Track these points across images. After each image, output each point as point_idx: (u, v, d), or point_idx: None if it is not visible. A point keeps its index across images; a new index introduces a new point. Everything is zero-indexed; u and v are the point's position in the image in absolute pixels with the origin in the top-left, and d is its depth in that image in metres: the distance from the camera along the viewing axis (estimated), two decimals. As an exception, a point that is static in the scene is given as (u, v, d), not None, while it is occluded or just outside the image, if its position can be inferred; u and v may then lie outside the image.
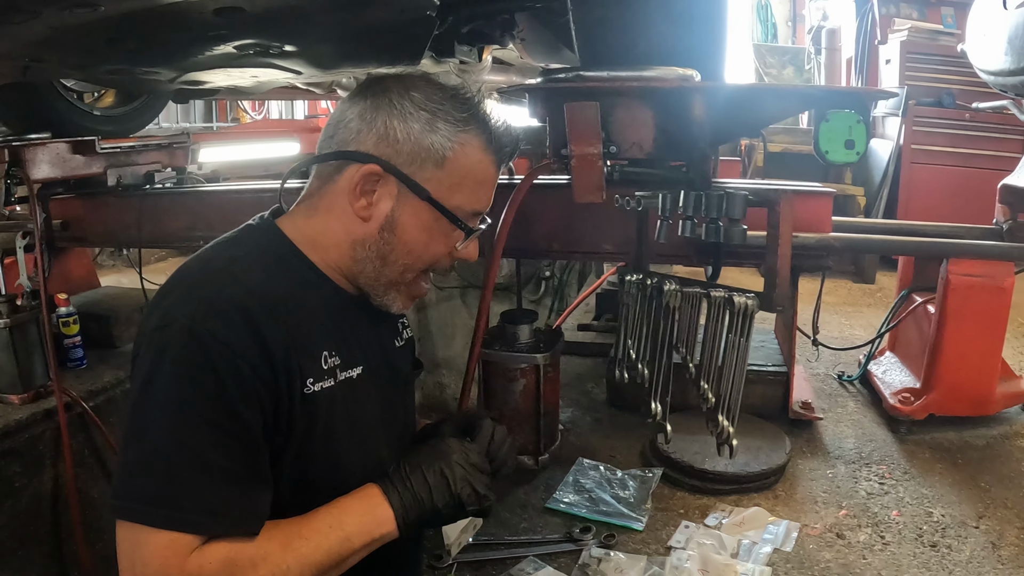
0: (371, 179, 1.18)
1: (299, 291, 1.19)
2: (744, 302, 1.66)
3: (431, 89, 1.20)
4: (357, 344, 1.28)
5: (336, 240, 1.24)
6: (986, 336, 2.45)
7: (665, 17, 1.75)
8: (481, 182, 1.25)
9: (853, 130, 1.75)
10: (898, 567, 1.90)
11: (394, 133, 1.17)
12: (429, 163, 1.19)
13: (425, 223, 1.22)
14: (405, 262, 1.24)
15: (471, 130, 1.20)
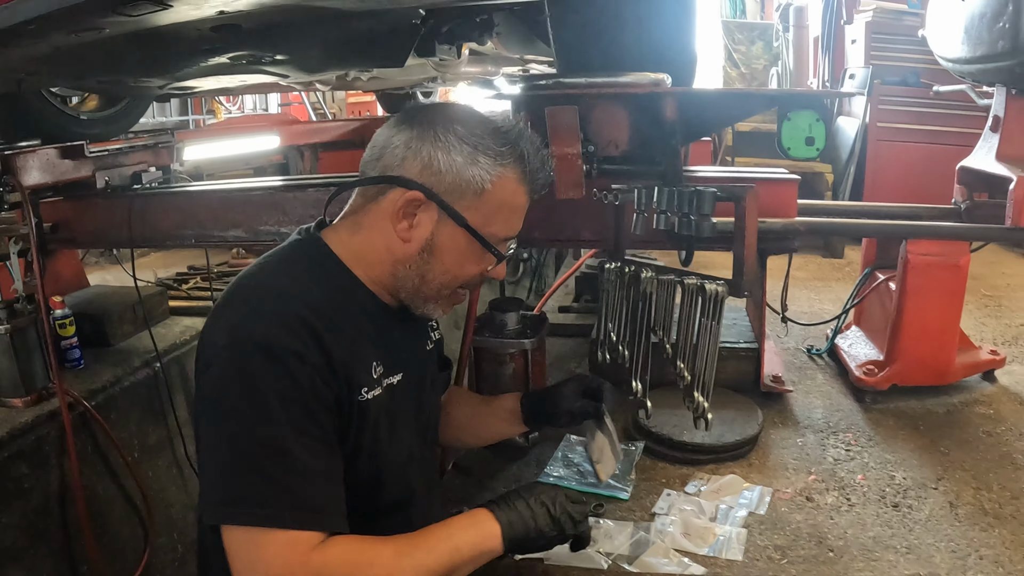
0: (413, 204, 1.30)
1: (349, 305, 1.33)
2: (715, 289, 1.80)
3: (474, 123, 1.31)
4: (397, 352, 1.42)
5: (379, 257, 1.35)
6: (944, 311, 2.61)
7: (639, 25, 1.89)
8: (515, 211, 1.37)
9: (813, 128, 1.90)
10: (863, 526, 2.05)
11: (438, 164, 1.28)
12: (469, 193, 1.30)
13: (461, 247, 1.34)
14: (442, 281, 1.37)
15: (509, 164, 1.31)
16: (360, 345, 1.30)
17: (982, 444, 2.48)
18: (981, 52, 2.65)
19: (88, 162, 2.85)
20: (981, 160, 2.75)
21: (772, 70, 7.15)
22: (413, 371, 1.47)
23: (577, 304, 3.56)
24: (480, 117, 1.33)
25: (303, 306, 1.22)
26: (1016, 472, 2.31)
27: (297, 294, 1.25)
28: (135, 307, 3.16)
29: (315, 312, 1.23)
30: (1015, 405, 2.77)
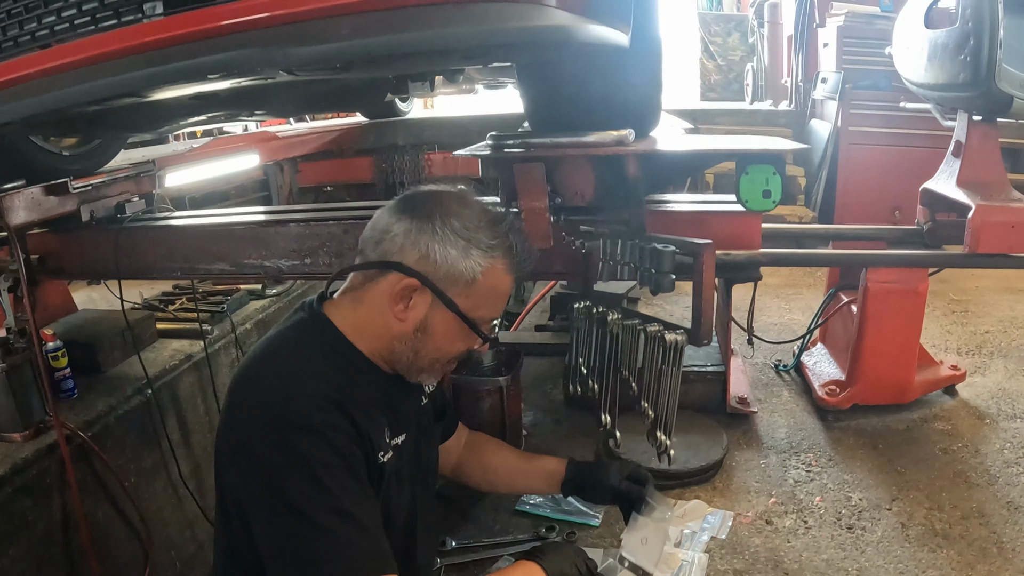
0: (410, 289, 1.42)
1: (358, 378, 1.45)
2: (675, 339, 1.90)
3: (469, 217, 1.43)
4: (400, 414, 1.56)
5: (378, 332, 1.48)
6: (903, 335, 2.73)
7: (603, 86, 1.96)
8: (501, 297, 1.51)
9: (770, 181, 2.00)
10: (817, 549, 2.17)
11: (434, 256, 1.40)
12: (461, 282, 1.42)
13: (452, 329, 1.46)
14: (433, 356, 1.50)
15: (498, 256, 1.44)
16: (373, 413, 1.44)
17: (938, 462, 2.60)
18: (944, 80, 2.72)
19: (72, 197, 2.90)
20: (943, 184, 2.82)
21: (748, 66, 7.19)
22: (413, 429, 1.61)
23: (553, 322, 3.65)
24: (475, 210, 1.46)
25: (326, 384, 1.36)
26: (969, 491, 2.43)
27: (317, 374, 1.39)
28: (124, 333, 3.24)
29: (336, 388, 1.37)
30: (973, 420, 2.89)
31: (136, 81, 1.39)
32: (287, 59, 1.20)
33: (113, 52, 1.41)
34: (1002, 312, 4.10)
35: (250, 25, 1.27)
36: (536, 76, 2.04)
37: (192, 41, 1.33)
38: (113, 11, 1.43)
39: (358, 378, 1.46)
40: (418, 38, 1.22)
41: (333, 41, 1.17)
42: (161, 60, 1.35)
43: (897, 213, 4.82)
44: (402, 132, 5.72)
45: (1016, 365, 3.40)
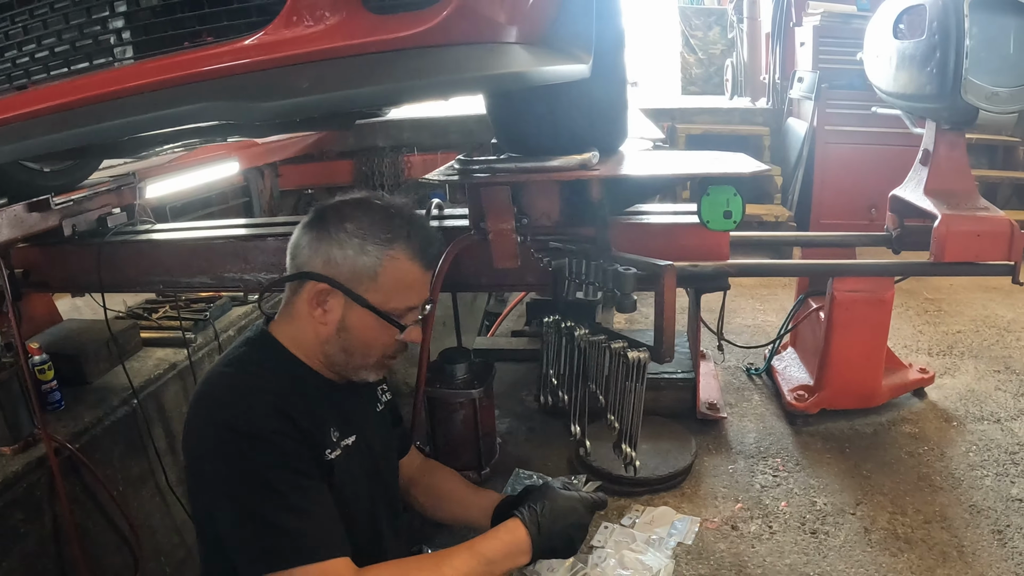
0: (323, 294, 1.53)
1: (301, 386, 1.57)
2: (637, 356, 1.96)
3: (361, 217, 1.54)
4: (349, 418, 1.66)
5: (310, 340, 1.60)
6: (870, 342, 2.78)
7: (569, 111, 2.01)
8: (411, 285, 1.58)
9: (730, 202, 2.06)
10: (781, 554, 2.22)
11: (335, 258, 1.52)
12: (365, 278, 1.52)
13: (370, 324, 1.56)
14: (363, 352, 1.60)
15: (396, 247, 1.53)
16: (318, 416, 1.54)
17: (903, 466, 2.66)
18: (911, 90, 2.77)
19: (55, 213, 2.95)
20: (911, 192, 2.88)
21: (727, 61, 7.24)
22: (366, 432, 1.71)
23: (529, 328, 3.70)
24: (368, 210, 1.55)
25: (269, 394, 1.48)
26: (932, 495, 2.49)
27: (261, 386, 1.50)
28: (109, 344, 3.28)
29: (279, 396, 1.48)
30: (940, 423, 2.96)
31: (110, 130, 1.43)
32: (249, 113, 1.24)
33: (85, 99, 1.45)
34: (975, 311, 4.17)
35: (217, 73, 1.32)
36: (502, 100, 2.09)
37: (161, 89, 1.37)
38: (85, 55, 1.48)
39: (301, 386, 1.57)
40: (378, 90, 1.27)
41: (293, 96, 1.22)
42: (132, 110, 1.40)
43: (873, 211, 4.90)
44: (382, 134, 5.76)
45: (986, 366, 3.47)
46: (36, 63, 1.56)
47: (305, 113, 1.24)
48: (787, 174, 5.37)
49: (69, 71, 1.51)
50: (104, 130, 1.34)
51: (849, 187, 4.82)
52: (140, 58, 1.42)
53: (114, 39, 1.43)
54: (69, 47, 1.50)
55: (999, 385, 3.28)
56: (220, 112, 1.27)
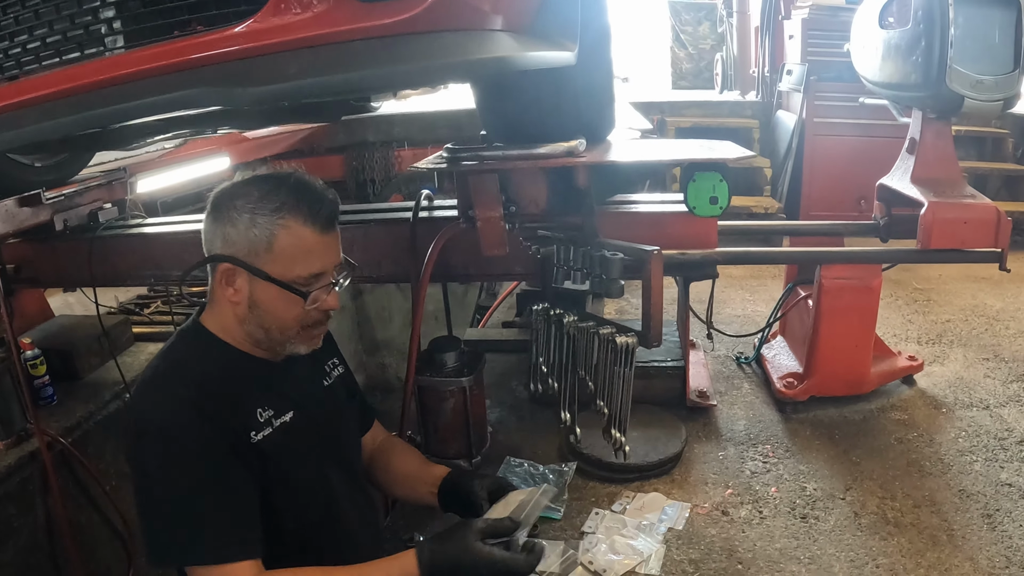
0: (228, 273, 1.53)
1: (228, 371, 1.55)
2: (625, 341, 1.98)
3: (248, 192, 1.52)
4: (285, 396, 1.63)
5: (231, 322, 1.59)
6: (858, 329, 2.82)
7: (556, 100, 2.02)
8: (309, 250, 1.53)
9: (716, 188, 2.08)
10: (771, 538, 2.25)
11: (230, 236, 1.51)
12: (261, 250, 1.50)
13: (276, 295, 1.53)
14: (278, 326, 1.57)
15: (285, 214, 1.49)
16: (241, 399, 1.54)
17: (892, 452, 2.69)
18: (897, 80, 2.78)
19: (46, 208, 2.94)
20: (898, 181, 2.89)
21: (717, 55, 7.27)
22: (309, 407, 1.68)
23: (520, 319, 3.71)
24: (256, 184, 1.54)
25: (183, 386, 1.48)
26: (922, 480, 2.52)
27: (178, 377, 1.51)
28: (100, 339, 3.29)
29: (194, 386, 1.48)
30: (929, 409, 2.99)
31: (102, 117, 1.44)
32: (238, 98, 1.26)
33: (77, 87, 1.46)
34: (964, 301, 4.20)
35: (207, 60, 1.33)
36: (489, 88, 2.10)
37: (152, 77, 1.38)
38: (76, 44, 1.49)
39: (227, 369, 1.56)
40: (366, 76, 1.28)
41: (281, 81, 1.24)
42: (124, 97, 1.41)
43: (862, 202, 4.89)
44: (372, 129, 5.74)
45: (975, 354, 3.50)
46: (28, 53, 1.57)
47: (293, 98, 1.25)
48: (776, 166, 5.38)
49: (60, 61, 1.52)
50: (98, 117, 1.35)
51: (838, 178, 4.81)
52: (131, 47, 1.43)
53: (105, 28, 1.45)
54: (61, 37, 1.51)
55: (988, 372, 3.32)
56: (211, 98, 1.28)
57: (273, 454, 1.55)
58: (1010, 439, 2.77)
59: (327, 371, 1.83)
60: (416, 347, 2.35)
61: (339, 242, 1.62)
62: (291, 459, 1.59)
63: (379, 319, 5.54)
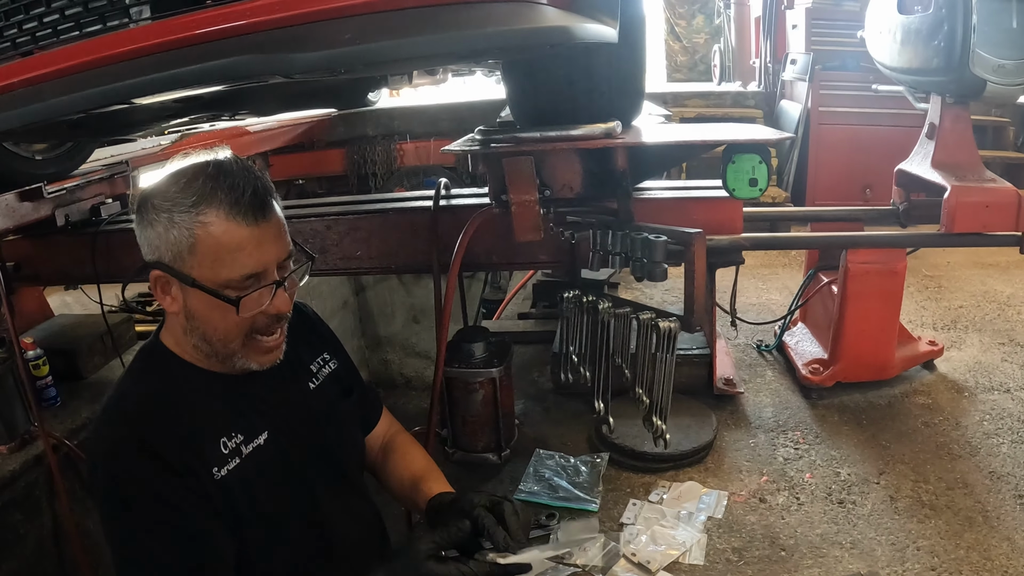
0: (161, 281, 1.36)
1: (186, 395, 1.39)
2: (668, 326, 1.93)
3: (166, 189, 1.33)
4: (255, 414, 1.46)
5: (179, 335, 1.42)
6: (883, 313, 2.79)
7: (589, 80, 1.97)
8: (238, 248, 1.32)
9: (756, 170, 2.03)
10: (811, 524, 2.21)
11: (152, 240, 1.34)
12: (184, 253, 1.31)
13: (209, 303, 1.34)
14: (219, 336, 1.38)
15: (204, 209, 1.29)
16: (201, 431, 1.37)
17: (920, 436, 2.66)
18: (917, 65, 2.76)
19: (47, 202, 2.85)
20: (917, 165, 2.88)
21: (715, 47, 7.26)
22: (290, 422, 1.51)
23: (536, 310, 3.66)
24: (175, 178, 1.34)
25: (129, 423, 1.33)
26: (952, 462, 2.50)
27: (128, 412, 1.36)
28: (103, 337, 3.20)
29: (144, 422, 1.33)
30: (952, 393, 2.96)
31: (124, 91, 1.37)
32: (289, 65, 1.19)
33: (99, 60, 1.39)
34: (974, 287, 4.19)
35: (246, 29, 1.26)
36: (522, 71, 2.04)
37: (182, 47, 1.31)
38: (98, 15, 1.42)
39: (182, 395, 1.40)
40: (419, 42, 1.22)
41: (336, 47, 1.17)
42: (150, 68, 1.34)
43: (868, 191, 4.91)
44: (372, 123, 5.69)
45: (991, 338, 3.48)
46: (45, 27, 1.49)
47: (346, 65, 1.18)
48: (782, 156, 5.36)
49: (81, 34, 1.44)
50: (131, 88, 1.27)
51: (844, 167, 4.83)
52: (158, 17, 1.36)
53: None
54: (82, 8, 1.43)
55: (1005, 357, 3.29)
56: (259, 66, 1.21)
57: (243, 490, 1.38)
58: (1034, 421, 2.75)
59: (313, 371, 1.64)
60: (444, 338, 2.29)
61: (282, 230, 1.40)
62: (266, 486, 1.43)
63: (381, 315, 5.49)
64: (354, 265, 2.60)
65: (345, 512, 1.60)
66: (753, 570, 2.04)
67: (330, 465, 1.59)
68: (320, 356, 1.67)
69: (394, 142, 5.60)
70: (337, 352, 1.73)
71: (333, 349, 1.72)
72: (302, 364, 1.61)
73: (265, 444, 1.44)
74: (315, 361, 1.65)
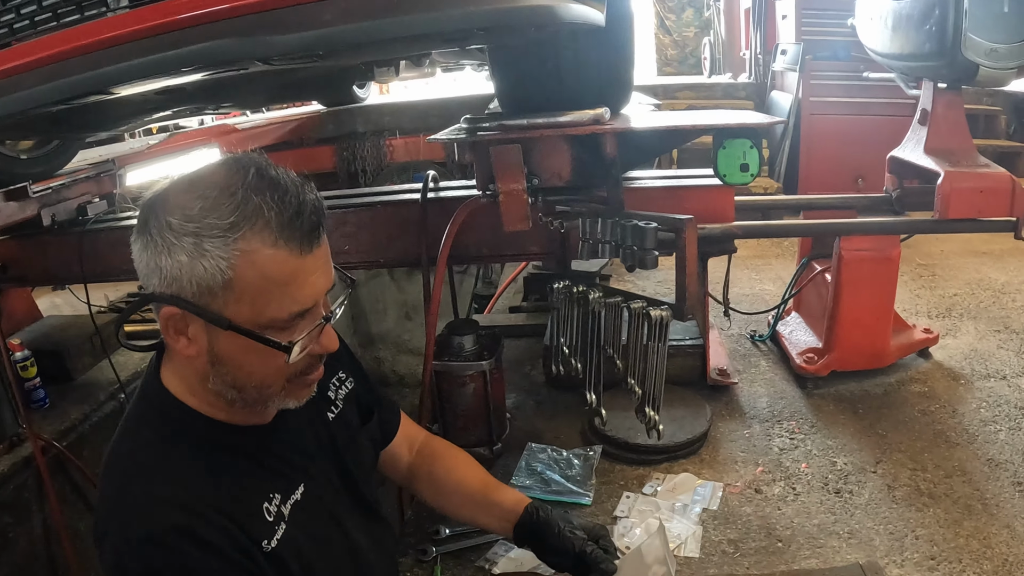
0: (174, 320, 1.10)
1: (213, 458, 1.17)
2: (660, 315, 1.91)
3: (188, 204, 1.06)
4: (287, 467, 1.27)
5: (192, 382, 1.18)
6: (878, 301, 2.77)
7: (577, 68, 1.94)
8: (287, 282, 1.09)
9: (747, 155, 2.01)
10: (808, 514, 2.19)
11: (169, 271, 1.06)
12: (217, 289, 1.06)
13: (247, 347, 1.11)
14: (256, 384, 1.16)
15: (246, 232, 1.04)
16: (240, 499, 1.16)
17: (917, 424, 2.64)
18: (909, 50, 2.74)
19: (33, 202, 2.83)
20: (910, 152, 2.86)
21: (704, 40, 7.26)
22: (316, 464, 1.34)
23: (527, 303, 3.64)
24: (198, 189, 1.07)
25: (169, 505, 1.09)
26: (949, 450, 2.48)
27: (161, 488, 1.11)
28: (92, 338, 3.17)
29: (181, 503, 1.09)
30: (948, 381, 2.94)
31: (103, 78, 1.34)
32: (266, 48, 1.16)
33: (78, 48, 1.36)
34: (968, 275, 4.17)
35: (224, 14, 1.24)
36: (508, 58, 2.02)
37: (161, 34, 1.28)
38: (76, 5, 1.39)
39: (212, 458, 1.17)
40: (398, 22, 1.19)
41: (312, 29, 1.14)
42: (128, 55, 1.31)
43: (860, 181, 4.88)
44: (361, 119, 5.67)
45: (986, 326, 3.47)
46: (22, 18, 1.46)
47: (326, 47, 1.15)
48: (773, 146, 5.32)
49: (59, 24, 1.42)
50: (109, 76, 1.25)
51: (836, 157, 4.77)
52: (136, 5, 1.33)
53: (107, -13, 1.34)
54: (61, 0, 1.41)
55: (1001, 344, 3.28)
56: (238, 49, 1.18)
57: (293, 554, 1.19)
58: (1031, 408, 2.73)
59: (332, 398, 1.44)
60: (433, 331, 2.26)
61: (329, 256, 1.17)
62: (312, 543, 1.24)
63: (374, 312, 5.48)
64: (342, 260, 2.57)
65: (372, 540, 1.44)
66: (749, 562, 2.01)
67: (355, 497, 1.43)
68: (335, 376, 1.48)
69: (384, 138, 5.58)
70: (353, 368, 1.55)
71: (348, 365, 1.53)
72: (320, 392, 1.37)
73: (303, 498, 1.25)
74: (331, 384, 1.46)
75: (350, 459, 1.42)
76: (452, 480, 1.64)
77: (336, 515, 1.35)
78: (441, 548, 2.07)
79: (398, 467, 1.70)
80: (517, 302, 3.73)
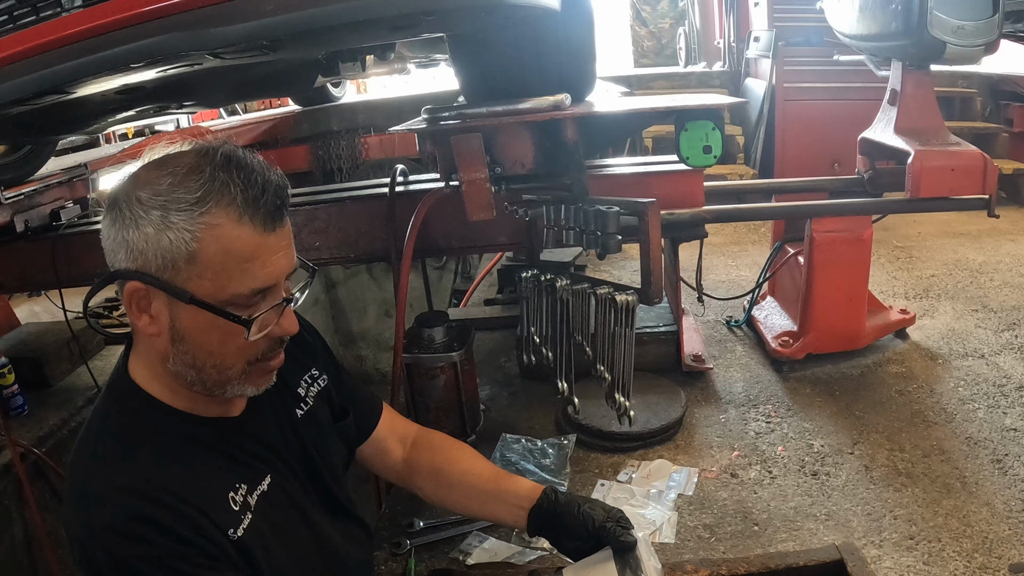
0: (138, 295, 1.12)
1: (178, 448, 1.18)
2: (625, 299, 1.90)
3: (157, 180, 1.09)
4: (253, 458, 1.28)
5: (155, 364, 1.19)
6: (851, 282, 2.78)
7: (537, 56, 1.94)
8: (249, 258, 1.12)
9: (709, 137, 2.01)
10: (784, 497, 2.19)
11: (135, 244, 1.09)
12: (180, 262, 1.09)
13: (208, 323, 1.13)
14: (215, 364, 1.17)
15: (212, 207, 1.08)
16: (205, 488, 1.16)
17: (895, 404, 2.65)
18: (876, 30, 2.74)
19: (5, 208, 2.82)
20: (881, 132, 2.85)
21: (679, 30, 7.26)
22: (282, 457, 1.35)
23: (502, 296, 3.64)
24: (168, 167, 1.11)
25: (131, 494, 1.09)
26: (927, 429, 2.48)
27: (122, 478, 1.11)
28: (70, 344, 3.16)
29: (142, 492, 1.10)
30: (926, 361, 2.95)
31: (60, 75, 1.34)
32: (212, 39, 1.16)
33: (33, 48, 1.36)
34: (945, 256, 4.19)
35: (173, 9, 1.23)
36: (468, 48, 2.02)
37: (113, 31, 1.28)
38: (31, 7, 1.38)
39: (177, 449, 1.18)
40: (341, 9, 1.19)
41: (256, 19, 1.14)
42: (81, 53, 1.31)
43: (836, 165, 4.88)
44: (336, 118, 5.66)
45: (963, 306, 3.48)
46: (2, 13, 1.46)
47: (270, 37, 1.15)
48: (748, 133, 5.34)
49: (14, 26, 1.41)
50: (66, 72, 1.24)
51: (811, 142, 4.78)
52: (91, 3, 1.33)
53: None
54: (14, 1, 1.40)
55: (979, 323, 3.29)
56: (184, 42, 1.18)
57: (259, 542, 1.20)
58: (1009, 385, 2.73)
59: (301, 394, 1.44)
60: (402, 323, 2.26)
61: (291, 239, 1.19)
62: (278, 533, 1.26)
63: (354, 311, 5.46)
64: (312, 256, 2.56)
65: (345, 538, 1.45)
66: (725, 546, 2.00)
67: (326, 495, 1.44)
68: (308, 373, 1.48)
69: (358, 136, 5.57)
70: (327, 365, 1.55)
71: (324, 363, 1.53)
72: (289, 388, 1.41)
73: (269, 490, 1.27)
74: (302, 381, 1.46)
75: (319, 456, 1.43)
76: (457, 471, 1.62)
77: (303, 509, 1.36)
78: (415, 540, 2.06)
79: (389, 463, 1.68)
80: (492, 295, 3.73)
